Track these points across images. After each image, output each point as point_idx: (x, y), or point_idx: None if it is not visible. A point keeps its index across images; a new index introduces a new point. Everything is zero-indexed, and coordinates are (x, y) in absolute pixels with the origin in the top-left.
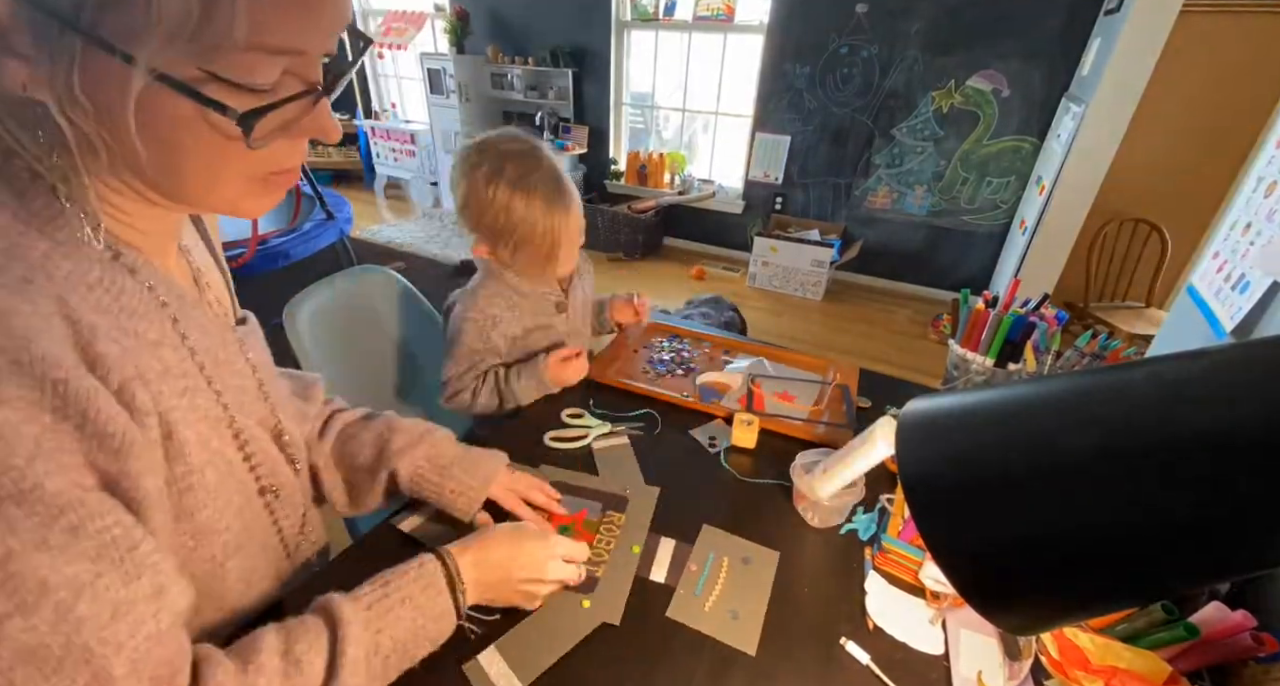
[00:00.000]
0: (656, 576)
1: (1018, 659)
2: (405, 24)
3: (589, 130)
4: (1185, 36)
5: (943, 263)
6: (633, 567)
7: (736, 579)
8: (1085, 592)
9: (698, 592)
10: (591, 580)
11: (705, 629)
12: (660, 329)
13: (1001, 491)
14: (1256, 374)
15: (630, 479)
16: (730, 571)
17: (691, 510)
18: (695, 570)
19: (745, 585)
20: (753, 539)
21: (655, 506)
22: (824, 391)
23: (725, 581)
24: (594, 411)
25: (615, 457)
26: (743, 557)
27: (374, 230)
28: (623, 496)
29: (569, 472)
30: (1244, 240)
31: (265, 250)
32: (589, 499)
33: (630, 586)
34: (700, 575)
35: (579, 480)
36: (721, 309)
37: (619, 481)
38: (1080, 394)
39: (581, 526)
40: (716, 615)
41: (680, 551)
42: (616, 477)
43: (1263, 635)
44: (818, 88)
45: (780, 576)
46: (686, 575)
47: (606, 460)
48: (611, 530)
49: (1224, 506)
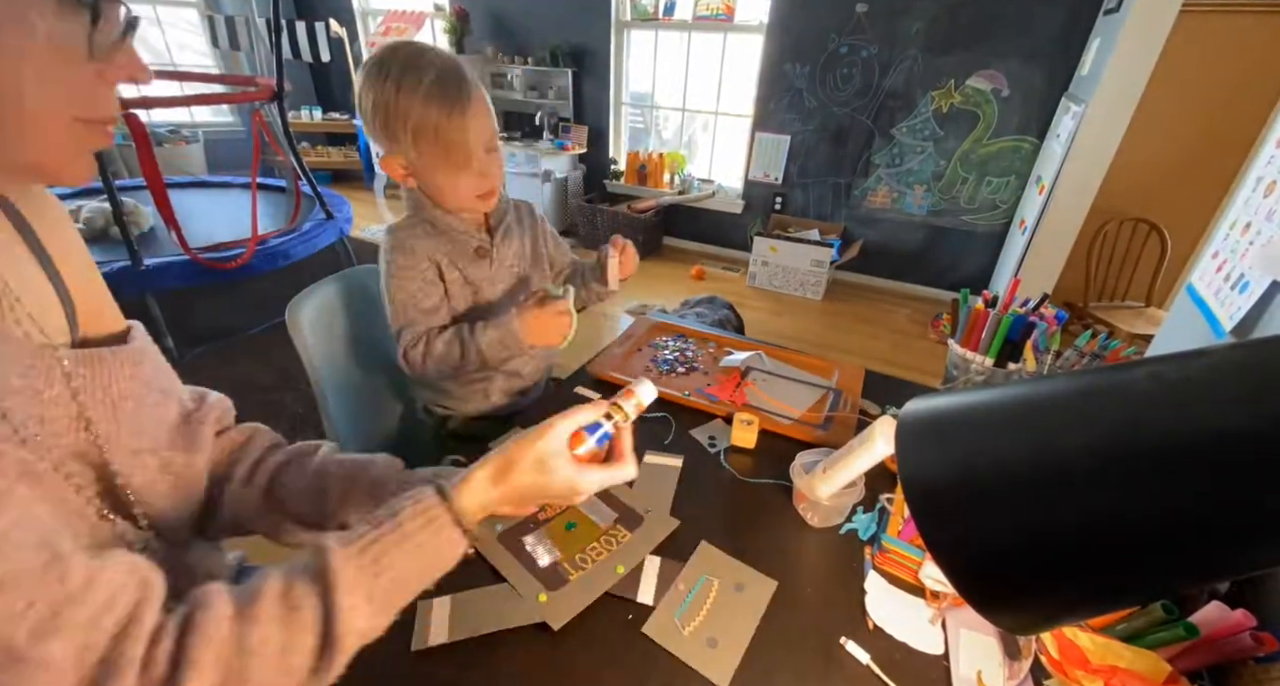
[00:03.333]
0: (644, 597)
1: (1018, 658)
2: (405, 24)
3: (589, 130)
4: (1185, 36)
5: (942, 262)
6: (605, 585)
7: (724, 605)
8: (1085, 592)
9: (678, 615)
10: (562, 579)
11: (677, 652)
12: (665, 328)
13: (1001, 491)
14: (1256, 374)
15: (659, 502)
16: (719, 596)
17: (692, 518)
18: (683, 590)
19: (733, 612)
20: (750, 556)
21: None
22: (826, 397)
23: (712, 606)
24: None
25: (660, 476)
26: (736, 584)
27: (374, 230)
28: (640, 516)
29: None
30: (1244, 240)
31: (265, 250)
32: (610, 507)
33: (592, 603)
34: (686, 595)
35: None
36: (716, 308)
37: (646, 500)
38: (1080, 393)
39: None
40: (694, 641)
41: (669, 568)
42: (646, 496)
43: (1263, 635)
44: (818, 87)
45: (773, 607)
46: (673, 594)
47: (649, 475)
48: (610, 544)
49: (1224, 505)
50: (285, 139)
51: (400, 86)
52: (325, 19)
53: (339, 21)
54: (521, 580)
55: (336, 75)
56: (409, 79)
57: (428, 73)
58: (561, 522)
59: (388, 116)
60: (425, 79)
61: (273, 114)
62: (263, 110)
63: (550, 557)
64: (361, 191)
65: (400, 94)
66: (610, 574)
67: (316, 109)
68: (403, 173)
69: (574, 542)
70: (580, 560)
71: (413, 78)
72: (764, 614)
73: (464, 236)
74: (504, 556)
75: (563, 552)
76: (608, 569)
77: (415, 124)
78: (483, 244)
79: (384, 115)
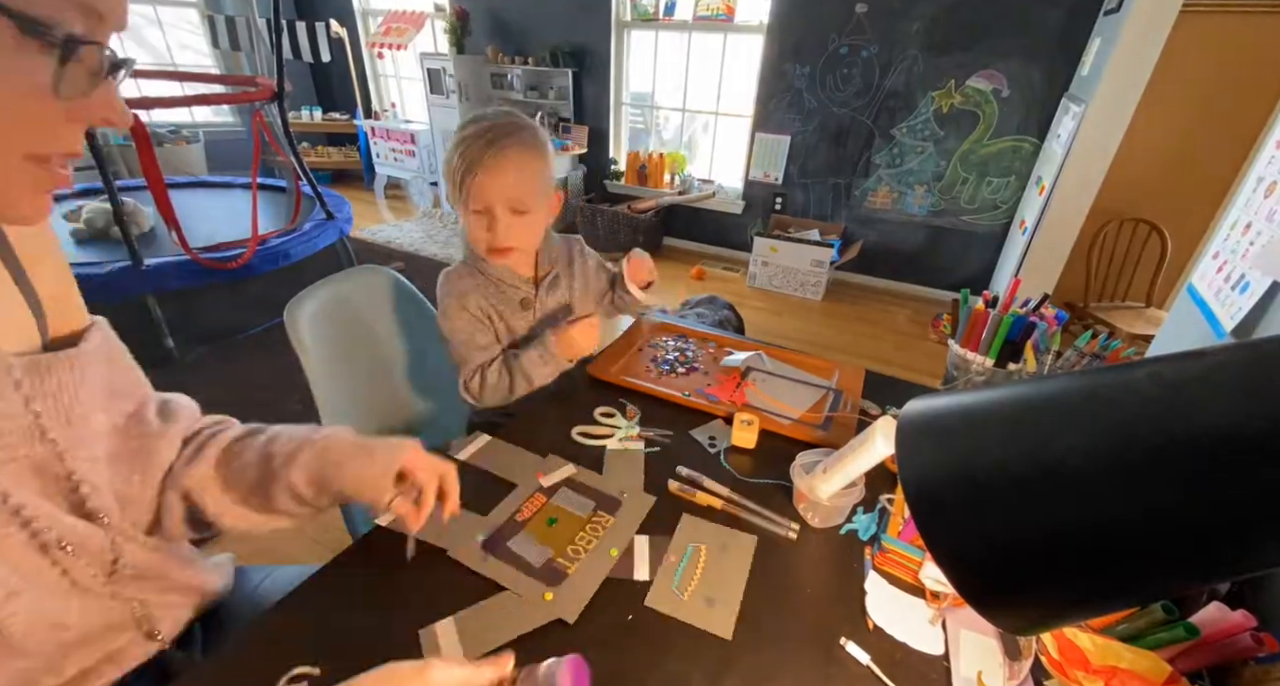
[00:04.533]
0: (640, 575)
1: (1018, 659)
2: (405, 24)
3: (589, 130)
4: (1185, 36)
5: (943, 262)
6: (605, 570)
7: (714, 566)
8: (1085, 593)
9: (675, 584)
10: (561, 574)
11: (682, 616)
12: (665, 328)
13: (1002, 491)
14: (1256, 374)
15: (631, 483)
16: (708, 560)
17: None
18: (674, 560)
19: (723, 572)
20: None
21: (647, 513)
22: (826, 397)
23: (703, 570)
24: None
25: (626, 461)
26: (720, 546)
27: (374, 230)
28: (617, 499)
29: (574, 467)
30: (1244, 240)
31: (265, 250)
32: (586, 496)
33: (598, 588)
34: (679, 565)
35: (583, 476)
36: (716, 307)
37: (619, 484)
38: (1080, 394)
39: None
40: (694, 604)
41: (658, 544)
42: (618, 480)
43: (1263, 635)
44: (818, 88)
45: (760, 560)
46: (665, 566)
47: (615, 462)
48: (596, 531)
49: (1225, 506)
50: (285, 139)
51: (458, 131)
52: (325, 19)
53: (339, 21)
54: (522, 584)
55: (336, 75)
56: (466, 127)
57: (480, 123)
58: (542, 519)
59: (446, 173)
60: (471, 128)
61: (273, 114)
62: (263, 110)
63: (543, 556)
64: (361, 191)
65: (455, 138)
66: (606, 558)
67: (316, 109)
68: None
69: (560, 536)
70: (573, 552)
71: (468, 126)
72: (750, 567)
73: (510, 288)
74: (495, 565)
75: (554, 548)
76: (602, 554)
77: (451, 167)
78: (528, 296)
79: (446, 173)
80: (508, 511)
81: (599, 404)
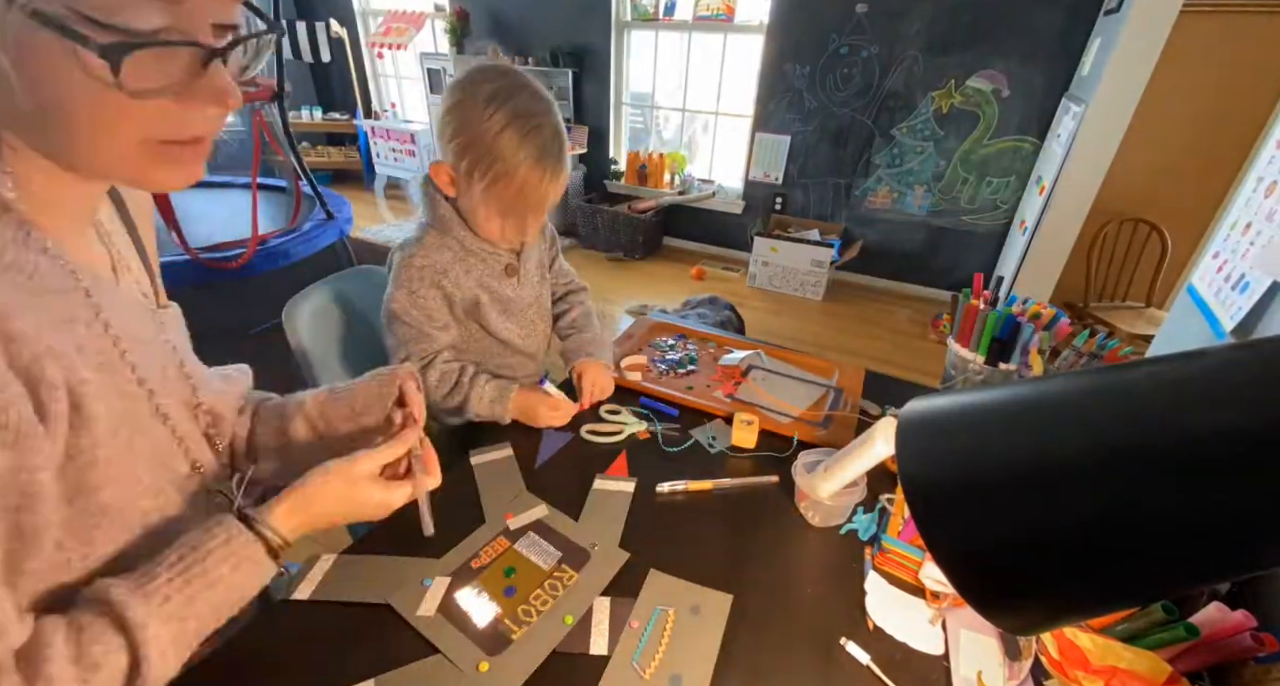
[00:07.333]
0: (597, 647)
1: (1018, 659)
2: (405, 24)
3: (589, 130)
4: (1185, 36)
5: (942, 262)
6: (554, 641)
7: (683, 633)
8: (1085, 593)
9: (635, 659)
10: (504, 641)
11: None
12: (665, 328)
13: (1001, 491)
14: (1256, 374)
15: (608, 531)
16: (677, 625)
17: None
18: (637, 626)
19: (693, 639)
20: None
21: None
22: (825, 396)
23: (670, 638)
24: (633, 410)
25: (613, 502)
26: (691, 607)
27: (374, 230)
28: (587, 552)
29: (546, 508)
30: (1244, 240)
31: (265, 250)
32: (553, 545)
33: (542, 662)
34: (642, 634)
35: (555, 520)
36: (718, 308)
37: (594, 532)
38: (1080, 394)
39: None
40: (655, 684)
41: (620, 608)
42: (594, 527)
43: (1263, 635)
44: (818, 88)
45: (733, 624)
46: (627, 633)
47: (601, 503)
48: (555, 589)
49: (1224, 506)
50: (285, 139)
51: (506, 129)
52: (325, 19)
53: (339, 21)
54: (458, 648)
55: (337, 75)
56: (517, 126)
57: (542, 131)
58: (499, 568)
59: (475, 145)
60: (532, 135)
61: (273, 114)
62: (263, 110)
63: (490, 614)
64: (361, 191)
65: (502, 137)
66: (558, 626)
67: (316, 109)
68: (448, 181)
69: (516, 591)
70: (524, 613)
71: (522, 126)
72: (725, 630)
73: (494, 256)
74: (434, 622)
75: (503, 607)
76: (554, 620)
77: (503, 169)
78: (512, 262)
79: (471, 141)
80: (466, 554)
81: (603, 402)
